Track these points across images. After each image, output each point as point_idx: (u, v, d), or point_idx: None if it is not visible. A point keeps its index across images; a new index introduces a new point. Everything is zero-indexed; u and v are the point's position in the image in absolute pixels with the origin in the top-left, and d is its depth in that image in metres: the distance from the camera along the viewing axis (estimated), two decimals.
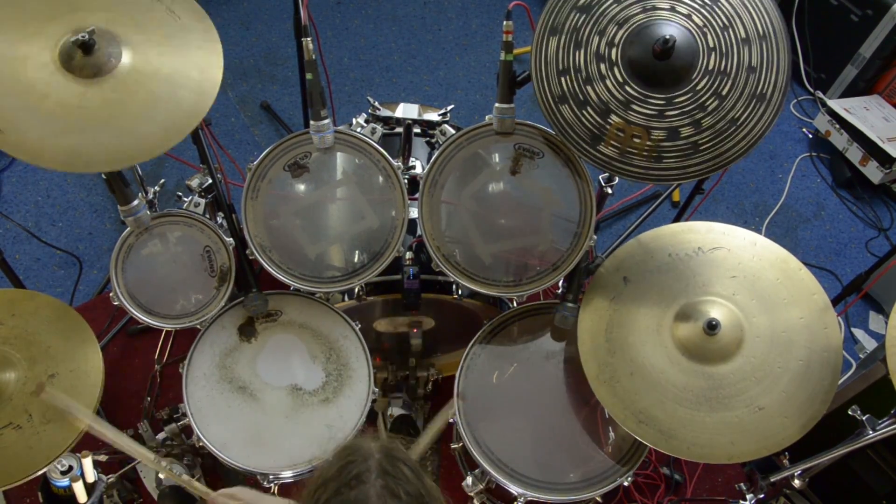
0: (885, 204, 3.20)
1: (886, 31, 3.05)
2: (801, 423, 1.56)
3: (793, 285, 1.67)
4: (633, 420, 1.59)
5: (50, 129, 1.42)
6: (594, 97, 1.49)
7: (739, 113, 1.47)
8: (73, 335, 1.67)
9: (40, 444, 1.54)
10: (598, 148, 1.51)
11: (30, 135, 1.41)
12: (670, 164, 1.49)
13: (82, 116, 1.44)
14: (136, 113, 1.47)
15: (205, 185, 2.00)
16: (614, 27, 1.49)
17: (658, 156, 1.49)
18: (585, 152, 1.54)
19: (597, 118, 1.49)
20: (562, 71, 1.50)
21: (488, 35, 3.57)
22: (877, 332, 2.81)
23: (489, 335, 1.87)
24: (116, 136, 1.46)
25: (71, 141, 1.43)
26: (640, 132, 1.48)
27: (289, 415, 1.75)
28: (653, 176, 1.52)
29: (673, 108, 1.47)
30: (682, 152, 1.48)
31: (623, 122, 1.48)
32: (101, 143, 1.44)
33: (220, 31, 1.52)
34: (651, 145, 1.48)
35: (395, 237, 1.76)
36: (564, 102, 1.50)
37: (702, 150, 1.48)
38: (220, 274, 1.79)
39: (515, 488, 1.70)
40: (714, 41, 1.48)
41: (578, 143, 1.53)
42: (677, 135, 1.47)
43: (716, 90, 1.47)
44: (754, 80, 1.48)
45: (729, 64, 1.48)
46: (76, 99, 1.44)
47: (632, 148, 1.50)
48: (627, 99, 1.48)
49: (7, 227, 2.70)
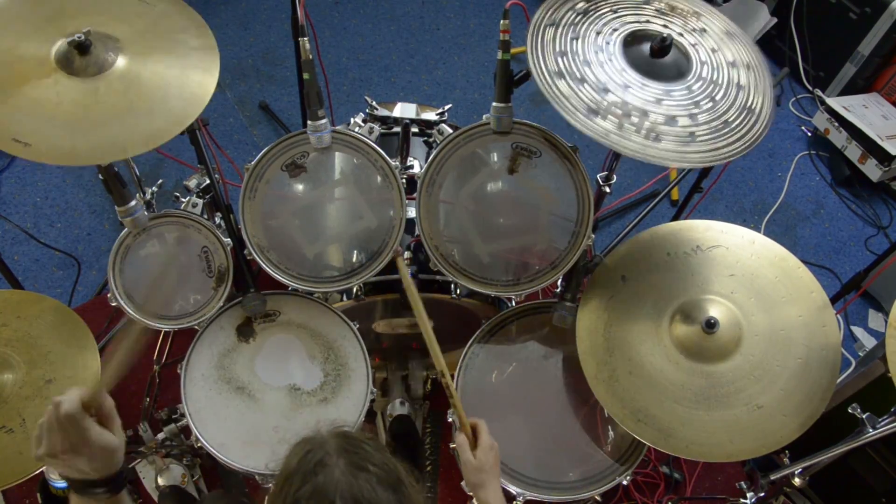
0: (884, 202, 3.20)
1: (885, 29, 3.05)
2: (799, 421, 1.56)
3: (791, 283, 1.67)
4: (632, 419, 1.59)
5: (53, 126, 1.42)
6: (592, 77, 1.47)
7: (732, 118, 1.47)
8: (74, 341, 1.67)
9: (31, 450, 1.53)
10: (595, 120, 1.46)
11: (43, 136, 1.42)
12: (669, 146, 1.45)
13: (84, 112, 1.44)
14: (138, 103, 1.48)
15: (202, 185, 2.00)
16: (610, 30, 1.50)
17: (657, 136, 1.46)
18: (583, 123, 1.45)
19: (594, 94, 1.47)
20: (560, 53, 1.48)
21: (486, 34, 3.57)
22: (876, 329, 2.81)
23: (488, 334, 1.87)
24: (120, 128, 1.46)
25: (73, 136, 1.43)
26: (638, 112, 1.47)
27: (287, 415, 1.75)
28: (650, 155, 1.44)
29: (670, 99, 1.47)
30: (680, 138, 1.47)
31: (620, 100, 1.47)
32: (104, 136, 1.45)
33: (219, 31, 1.52)
34: (650, 125, 1.46)
35: (394, 237, 1.76)
36: (561, 78, 1.48)
37: (699, 140, 1.47)
38: (217, 274, 1.79)
39: (514, 488, 1.69)
40: (705, 57, 1.54)
41: (574, 113, 1.45)
42: (675, 122, 1.46)
43: (710, 94, 1.49)
44: (744, 96, 1.51)
45: (720, 77, 1.52)
46: (78, 96, 1.45)
47: (630, 124, 1.47)
48: (626, 83, 1.47)
49: (6, 228, 2.70)
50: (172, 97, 1.50)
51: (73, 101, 1.44)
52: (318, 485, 0.95)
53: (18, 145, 1.39)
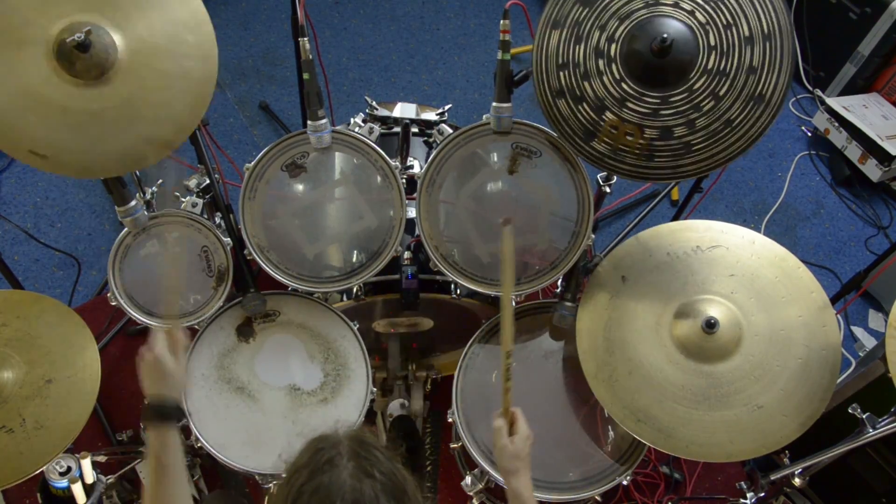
0: (885, 202, 3.20)
1: (885, 29, 3.05)
2: (799, 421, 1.55)
3: (791, 284, 1.67)
4: (632, 419, 1.59)
5: (65, 135, 1.44)
6: (590, 93, 1.49)
7: (736, 114, 1.46)
8: (75, 341, 1.67)
9: (31, 450, 1.52)
10: (591, 144, 1.51)
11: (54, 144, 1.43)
12: (662, 163, 1.49)
13: (93, 121, 1.46)
14: (146, 107, 1.48)
15: (202, 185, 2.00)
16: (616, 22, 1.48)
17: (650, 154, 1.49)
18: (579, 148, 1.54)
19: (592, 114, 1.49)
20: (561, 65, 1.49)
21: (486, 34, 3.57)
22: (876, 330, 2.81)
23: (488, 334, 1.87)
24: (132, 134, 1.48)
25: (90, 146, 1.46)
26: (634, 130, 1.48)
27: (287, 415, 1.75)
28: (643, 174, 1.53)
29: (668, 108, 1.47)
30: (673, 152, 1.48)
31: (617, 119, 1.48)
32: (115, 145, 1.47)
33: (219, 31, 1.51)
34: (643, 143, 1.48)
35: (394, 237, 1.76)
36: (562, 97, 1.50)
37: (694, 150, 1.48)
38: (217, 274, 1.78)
39: None
40: (716, 39, 1.46)
41: (573, 138, 1.53)
42: (670, 134, 1.47)
43: (713, 90, 1.47)
44: (754, 81, 1.46)
45: (729, 64, 1.47)
46: (84, 103, 1.45)
47: (624, 145, 1.50)
48: (623, 96, 1.48)
49: (6, 229, 2.70)
50: (176, 97, 1.50)
51: (82, 109, 1.44)
52: (323, 483, 0.97)
53: (36, 157, 1.44)
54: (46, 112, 1.43)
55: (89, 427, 1.63)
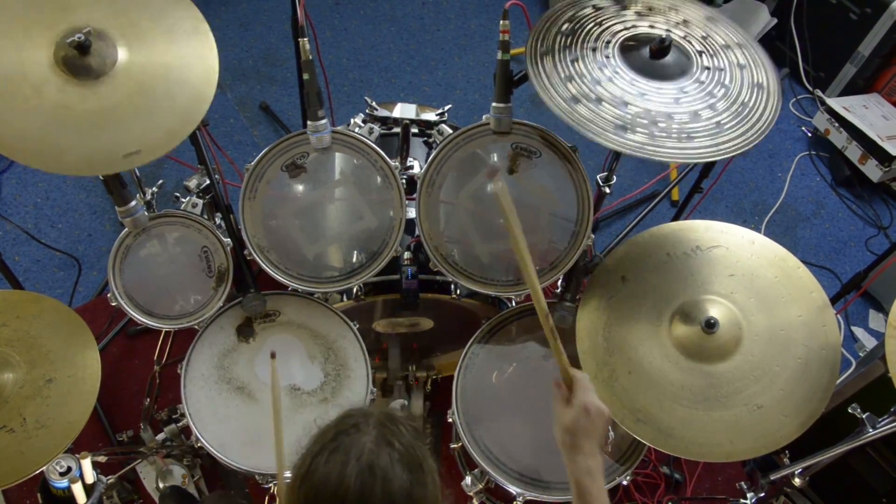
0: (885, 202, 3.20)
1: (885, 30, 3.05)
2: (799, 421, 1.55)
3: (791, 284, 1.67)
4: (632, 419, 1.59)
5: (60, 133, 1.43)
6: (607, 94, 1.48)
7: (747, 97, 1.49)
8: (75, 341, 1.67)
9: (31, 450, 1.52)
10: (625, 136, 1.44)
11: (45, 141, 1.42)
12: (702, 142, 1.45)
13: (88, 119, 1.44)
14: (143, 108, 1.48)
15: (203, 185, 2.00)
16: (603, 44, 1.51)
17: (688, 135, 1.45)
18: (612, 140, 1.45)
19: (615, 109, 1.47)
20: (566, 78, 1.49)
21: (487, 35, 3.57)
22: (876, 330, 2.81)
23: (488, 335, 1.87)
24: (127, 134, 1.46)
25: (93, 143, 1.44)
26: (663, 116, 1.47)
27: (287, 415, 1.75)
28: (686, 156, 1.46)
29: (686, 96, 1.47)
30: (708, 132, 1.46)
31: (642, 109, 1.46)
32: (111, 144, 1.45)
33: (219, 32, 1.52)
34: (678, 126, 1.45)
35: (393, 237, 1.76)
36: (578, 102, 1.48)
37: (727, 128, 1.47)
38: (217, 274, 1.79)
39: (514, 488, 1.70)
40: (700, 45, 1.54)
41: (605, 133, 1.45)
42: (699, 117, 1.46)
43: (719, 80, 1.50)
44: (749, 74, 1.52)
45: (720, 61, 1.53)
46: (82, 102, 1.44)
47: (660, 131, 1.45)
48: (641, 91, 1.47)
49: (6, 229, 2.70)
50: (177, 93, 1.50)
51: (85, 109, 1.44)
52: (344, 443, 1.01)
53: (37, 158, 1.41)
54: (46, 112, 1.43)
55: (89, 427, 1.64)
